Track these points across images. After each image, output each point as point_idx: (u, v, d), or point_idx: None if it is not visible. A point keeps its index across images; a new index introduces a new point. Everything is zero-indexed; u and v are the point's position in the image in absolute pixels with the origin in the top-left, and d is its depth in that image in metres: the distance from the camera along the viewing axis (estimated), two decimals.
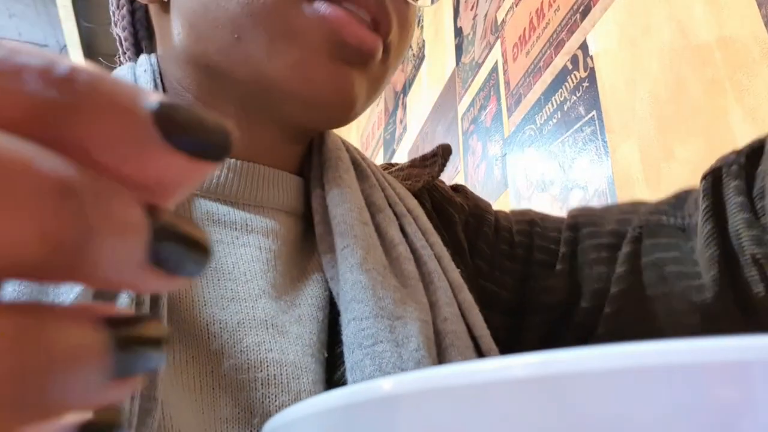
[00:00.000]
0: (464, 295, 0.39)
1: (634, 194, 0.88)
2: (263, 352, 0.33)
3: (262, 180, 0.40)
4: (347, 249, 0.36)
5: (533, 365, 0.13)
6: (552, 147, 1.11)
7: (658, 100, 0.85)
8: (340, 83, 0.37)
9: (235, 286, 0.35)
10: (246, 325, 0.34)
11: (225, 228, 0.38)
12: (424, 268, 0.39)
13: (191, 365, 0.32)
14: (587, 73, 1.02)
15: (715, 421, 0.12)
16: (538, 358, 0.13)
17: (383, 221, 0.40)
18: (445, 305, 0.37)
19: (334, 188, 0.40)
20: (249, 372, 0.33)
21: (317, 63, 0.36)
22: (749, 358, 0.12)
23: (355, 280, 0.35)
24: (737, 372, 0.12)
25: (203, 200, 0.38)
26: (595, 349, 0.13)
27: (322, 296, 0.38)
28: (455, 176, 1.57)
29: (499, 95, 1.37)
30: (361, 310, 0.34)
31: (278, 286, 0.37)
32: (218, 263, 0.36)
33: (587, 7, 1.05)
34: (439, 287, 0.38)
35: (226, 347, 0.33)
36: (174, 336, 0.33)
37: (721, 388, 0.12)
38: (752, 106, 0.70)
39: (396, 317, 0.34)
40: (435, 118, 1.79)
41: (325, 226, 0.39)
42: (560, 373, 0.13)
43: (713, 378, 0.12)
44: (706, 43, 0.78)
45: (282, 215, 0.41)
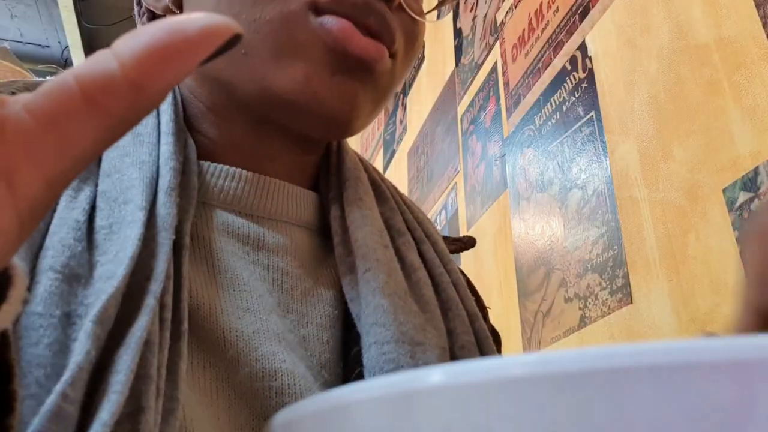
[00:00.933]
0: (480, 324, 0.39)
1: (632, 194, 0.88)
2: (277, 362, 0.34)
3: (276, 193, 0.41)
4: (369, 272, 0.37)
5: (533, 365, 0.13)
6: (551, 147, 1.11)
7: (656, 100, 0.85)
8: (343, 97, 0.37)
9: (250, 298, 0.36)
10: (261, 335, 0.35)
11: (239, 242, 0.38)
12: (443, 294, 0.39)
13: (208, 370, 0.33)
14: (586, 74, 1.02)
15: (717, 420, 0.12)
16: (538, 358, 0.13)
17: (403, 245, 0.41)
18: (463, 333, 0.38)
19: (355, 210, 0.40)
20: (263, 380, 0.33)
21: (321, 78, 0.37)
22: (751, 358, 0.12)
23: (377, 304, 0.35)
24: (738, 371, 0.12)
25: (220, 211, 0.39)
26: (595, 349, 0.13)
27: (331, 315, 0.39)
28: (455, 176, 1.57)
29: (499, 96, 1.37)
30: (383, 334, 0.34)
31: (283, 304, 0.38)
32: (234, 273, 0.37)
33: (586, 8, 1.05)
34: (457, 315, 0.38)
35: (241, 355, 0.34)
36: (192, 341, 0.33)
37: (722, 388, 0.12)
38: (750, 106, 0.70)
39: (416, 343, 0.34)
40: (435, 118, 1.79)
41: (345, 247, 0.39)
42: (560, 373, 0.13)
43: (715, 377, 0.12)
44: (705, 44, 0.78)
45: (295, 229, 0.41)
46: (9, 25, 3.35)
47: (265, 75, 0.37)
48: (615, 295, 0.88)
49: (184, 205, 0.35)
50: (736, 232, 0.69)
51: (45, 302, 0.28)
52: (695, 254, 0.75)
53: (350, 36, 0.36)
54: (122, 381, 0.25)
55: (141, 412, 0.26)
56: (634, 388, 0.12)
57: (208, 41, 0.17)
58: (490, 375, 0.13)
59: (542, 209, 1.12)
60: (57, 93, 0.16)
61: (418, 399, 0.14)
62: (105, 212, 0.32)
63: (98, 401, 0.25)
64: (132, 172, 0.34)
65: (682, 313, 0.76)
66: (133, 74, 0.16)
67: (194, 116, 0.41)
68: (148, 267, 0.30)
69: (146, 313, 0.28)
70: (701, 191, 0.75)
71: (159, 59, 0.16)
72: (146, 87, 0.16)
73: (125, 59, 0.16)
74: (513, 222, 1.22)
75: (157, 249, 0.31)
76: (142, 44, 0.16)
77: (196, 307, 0.34)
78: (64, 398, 0.24)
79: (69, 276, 0.29)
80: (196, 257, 0.36)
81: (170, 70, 0.17)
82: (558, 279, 1.04)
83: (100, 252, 0.30)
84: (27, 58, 3.47)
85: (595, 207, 0.96)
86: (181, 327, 0.30)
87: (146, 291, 0.29)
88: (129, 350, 0.26)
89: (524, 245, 1.17)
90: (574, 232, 1.01)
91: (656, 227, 0.82)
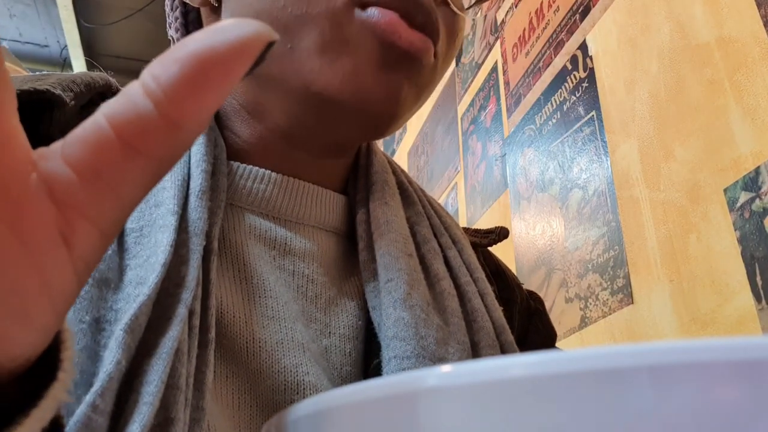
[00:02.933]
0: (506, 337, 0.38)
1: (633, 194, 0.88)
2: (300, 375, 0.33)
3: (305, 197, 0.40)
4: (391, 283, 0.36)
5: (533, 365, 0.13)
6: (551, 147, 1.11)
7: (657, 100, 0.85)
8: (390, 91, 0.37)
9: (276, 305, 0.35)
10: (285, 345, 0.34)
11: (266, 246, 0.38)
12: (468, 305, 0.38)
13: (231, 381, 0.33)
14: (587, 74, 1.02)
15: (717, 421, 0.12)
16: (538, 358, 0.13)
17: (428, 253, 0.40)
18: (487, 347, 0.37)
19: (379, 214, 0.40)
20: (285, 393, 0.33)
21: (368, 72, 0.36)
22: (752, 358, 0.12)
23: (398, 316, 0.34)
24: (739, 371, 0.12)
25: (248, 213, 0.38)
26: (596, 349, 0.13)
27: (355, 326, 0.38)
28: (455, 176, 1.57)
29: (499, 95, 1.37)
30: (403, 348, 0.33)
31: (307, 313, 0.37)
32: (260, 279, 0.36)
33: (587, 7, 1.05)
34: (482, 327, 0.37)
35: (264, 366, 0.33)
36: (216, 349, 0.32)
37: (723, 388, 0.12)
38: (751, 106, 0.70)
39: (438, 358, 0.33)
40: (435, 118, 1.79)
41: (369, 252, 0.39)
42: (560, 373, 0.13)
43: (715, 378, 0.12)
44: (706, 43, 0.78)
45: (322, 234, 0.40)
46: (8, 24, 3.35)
47: (312, 69, 0.36)
48: (616, 295, 0.88)
49: (213, 208, 0.34)
50: (738, 232, 0.69)
51: (75, 308, 0.27)
52: (696, 254, 0.75)
53: (398, 29, 0.36)
54: (153, 392, 0.25)
55: (170, 424, 0.25)
56: (634, 388, 0.12)
57: (244, 57, 0.15)
58: (490, 375, 0.13)
59: (543, 209, 1.12)
60: (94, 142, 0.15)
61: (418, 399, 0.14)
62: (135, 214, 0.32)
63: (128, 412, 0.25)
64: None
65: (683, 314, 0.76)
66: (170, 111, 0.15)
67: (226, 113, 0.40)
68: (178, 274, 0.29)
69: (177, 323, 0.27)
70: (702, 191, 0.75)
71: (194, 89, 0.15)
72: (185, 122, 0.15)
73: (159, 97, 0.15)
74: (513, 222, 1.22)
75: (189, 255, 0.30)
76: (175, 75, 0.15)
77: (220, 315, 0.33)
78: (93, 409, 0.24)
79: (99, 280, 0.29)
80: (224, 261, 0.36)
81: (208, 98, 0.15)
82: (559, 279, 1.04)
83: (129, 255, 0.30)
84: (26, 58, 3.48)
85: (596, 207, 0.96)
86: (209, 335, 0.30)
87: (177, 299, 0.28)
88: (160, 361, 0.26)
89: (525, 245, 1.17)
90: (575, 232, 1.01)
91: (657, 227, 0.82)
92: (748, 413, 0.12)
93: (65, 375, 0.16)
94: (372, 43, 0.36)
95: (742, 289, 0.68)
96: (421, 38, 0.37)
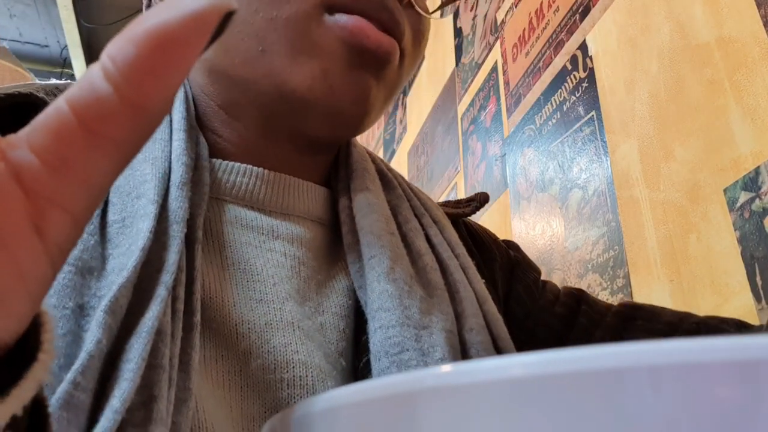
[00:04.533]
0: (489, 306, 0.39)
1: (633, 194, 0.88)
2: (290, 354, 0.34)
3: (288, 188, 0.41)
4: (374, 259, 0.37)
5: (533, 365, 0.13)
6: (551, 147, 1.11)
7: (657, 100, 0.85)
8: (359, 91, 0.38)
9: (263, 288, 0.36)
10: (273, 326, 0.35)
11: (253, 231, 0.39)
12: (450, 278, 0.39)
13: (221, 363, 0.33)
14: (586, 74, 1.02)
15: (717, 421, 0.12)
16: (537, 358, 0.13)
17: (410, 231, 0.41)
18: (471, 316, 0.38)
19: (361, 199, 0.41)
20: (276, 372, 0.34)
21: (337, 73, 0.37)
22: (752, 358, 0.12)
23: (382, 289, 0.35)
24: (739, 371, 0.12)
25: (232, 206, 0.39)
26: (596, 348, 0.13)
27: (345, 305, 0.39)
28: (455, 176, 1.57)
29: (499, 95, 1.37)
30: (387, 318, 0.34)
31: (302, 291, 0.38)
32: (247, 264, 0.37)
33: (586, 7, 1.05)
34: (465, 297, 0.38)
35: (253, 347, 0.34)
36: (205, 334, 0.33)
37: (723, 388, 0.12)
38: (751, 106, 0.70)
39: (422, 327, 0.34)
40: (435, 118, 1.79)
41: (353, 235, 0.40)
42: (560, 373, 0.13)
43: (715, 378, 0.12)
44: (706, 43, 0.78)
45: (308, 223, 0.41)
46: (8, 24, 3.35)
47: (282, 72, 0.37)
48: (616, 295, 0.88)
49: (196, 199, 0.35)
50: (737, 232, 0.69)
51: (58, 294, 0.28)
52: (696, 254, 0.75)
53: (366, 31, 0.37)
54: (133, 369, 0.26)
55: (153, 401, 0.26)
56: (634, 388, 0.12)
57: (201, 30, 0.15)
58: (489, 375, 0.13)
59: (543, 209, 1.12)
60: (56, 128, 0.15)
61: (418, 399, 0.14)
62: (118, 206, 0.33)
63: (110, 389, 0.25)
64: (145, 167, 0.34)
65: None
66: (130, 94, 0.15)
67: (205, 114, 0.41)
68: (159, 259, 0.30)
69: (157, 303, 0.28)
70: (702, 191, 0.75)
71: (153, 68, 0.14)
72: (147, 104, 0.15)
73: (117, 79, 0.15)
74: (513, 222, 1.22)
75: (169, 241, 0.31)
76: (131, 56, 0.14)
77: (208, 299, 0.34)
78: (75, 386, 0.24)
79: (82, 269, 0.30)
80: (209, 250, 0.37)
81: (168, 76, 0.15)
82: (559, 279, 1.04)
83: (113, 245, 0.31)
84: (26, 58, 3.48)
85: (596, 207, 0.96)
86: (194, 318, 0.31)
87: (158, 282, 0.29)
88: (140, 339, 0.27)
89: (525, 245, 1.17)
90: (575, 232, 1.01)
91: (657, 227, 0.82)
92: (748, 413, 0.12)
93: (45, 356, 0.16)
94: (340, 47, 0.37)
95: (742, 289, 0.68)
96: (388, 39, 0.38)
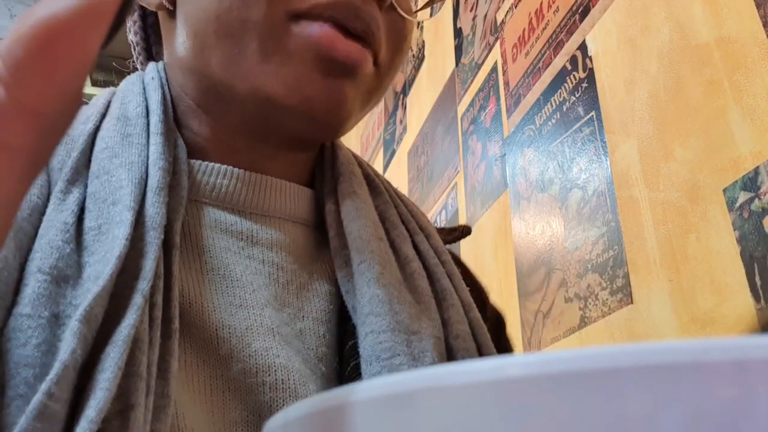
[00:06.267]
0: (474, 314, 0.40)
1: (633, 194, 0.88)
2: (271, 357, 0.34)
3: (269, 190, 0.41)
4: (364, 264, 0.37)
5: (532, 365, 0.13)
6: (551, 147, 1.11)
7: (657, 100, 0.85)
8: (334, 98, 0.38)
9: (243, 294, 0.36)
10: (254, 330, 0.35)
11: (232, 237, 0.38)
12: (437, 285, 0.40)
13: (201, 368, 0.33)
14: (586, 74, 1.02)
15: (717, 421, 0.12)
16: (537, 358, 0.13)
17: (397, 238, 0.41)
18: (457, 323, 0.38)
19: (348, 203, 0.41)
20: (257, 376, 0.33)
21: (311, 80, 0.37)
22: (751, 358, 0.12)
23: (372, 294, 0.35)
24: (738, 371, 0.12)
25: (212, 209, 0.39)
26: (595, 349, 0.13)
27: (327, 310, 0.39)
28: (455, 176, 1.57)
29: (499, 96, 1.37)
30: (378, 323, 0.34)
31: (280, 298, 0.38)
32: (227, 270, 0.37)
33: (586, 7, 1.05)
34: (451, 305, 0.39)
35: (234, 352, 0.34)
36: (185, 339, 0.33)
37: (722, 388, 0.12)
38: (751, 106, 0.70)
39: (412, 332, 0.34)
40: (435, 118, 1.79)
41: (340, 240, 0.40)
42: (560, 373, 0.13)
43: (715, 377, 0.12)
44: (705, 44, 0.78)
45: (289, 225, 0.41)
46: (9, 25, 3.35)
47: (258, 77, 0.37)
48: (615, 295, 0.88)
49: (173, 204, 0.35)
50: (737, 232, 0.69)
51: (33, 303, 0.28)
52: (696, 254, 0.75)
53: (334, 41, 0.37)
54: (109, 378, 0.25)
55: (130, 410, 0.26)
56: (634, 388, 0.12)
57: (94, 22, 0.13)
58: (488, 375, 0.13)
59: (542, 209, 1.12)
60: None
61: (416, 400, 0.14)
62: (94, 213, 0.32)
63: (86, 399, 0.25)
64: (121, 173, 0.34)
65: (682, 314, 0.76)
66: (20, 96, 0.13)
67: (184, 114, 0.41)
68: (136, 266, 0.30)
69: (134, 312, 0.28)
70: (702, 191, 0.75)
71: (42, 68, 0.13)
72: (42, 107, 0.13)
73: (7, 81, 0.13)
74: (513, 222, 1.22)
75: (146, 248, 0.31)
76: (19, 55, 0.13)
77: (188, 305, 0.34)
78: (49, 396, 0.24)
79: (57, 277, 0.29)
80: (188, 255, 0.36)
81: (61, 76, 0.13)
82: (558, 279, 1.04)
83: (88, 253, 0.30)
84: None
85: (596, 207, 0.96)
86: (172, 325, 0.31)
87: (134, 289, 0.29)
88: (116, 348, 0.26)
89: (524, 245, 1.17)
90: (575, 232, 1.01)
91: (657, 227, 0.82)
92: (747, 413, 0.12)
93: None
94: (310, 56, 0.37)
95: (742, 289, 0.68)
96: (358, 48, 0.38)
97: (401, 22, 0.41)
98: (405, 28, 0.42)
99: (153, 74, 0.41)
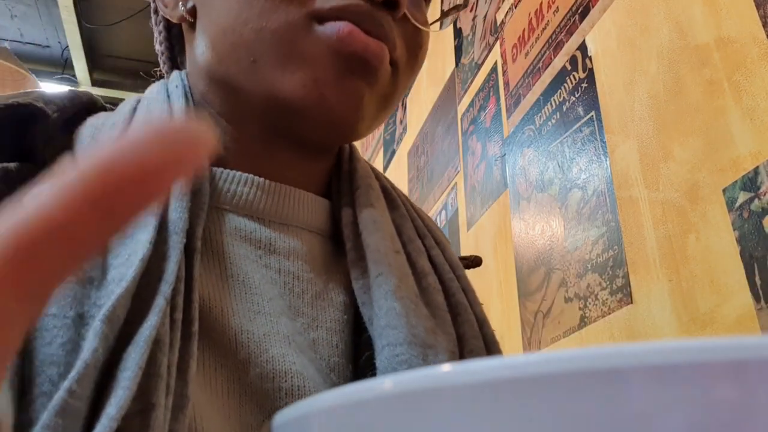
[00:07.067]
0: (487, 329, 0.40)
1: (632, 194, 0.88)
2: (287, 364, 0.35)
3: (288, 199, 0.41)
4: (381, 276, 0.37)
5: (533, 365, 0.13)
6: (551, 147, 1.11)
7: (656, 100, 0.85)
8: (350, 98, 0.38)
9: (261, 301, 0.37)
10: (271, 337, 0.35)
11: (251, 245, 0.39)
12: (453, 299, 0.40)
13: (219, 371, 0.34)
14: (586, 74, 1.02)
15: (717, 421, 0.12)
16: (537, 358, 0.13)
17: (413, 251, 0.41)
18: (472, 338, 0.38)
19: (366, 215, 0.41)
20: (274, 381, 0.34)
21: (328, 81, 0.38)
22: (751, 358, 0.12)
23: (389, 306, 0.36)
24: (738, 371, 0.12)
25: (232, 215, 0.39)
26: (595, 349, 0.13)
27: (341, 320, 0.40)
28: (455, 176, 1.57)
29: (499, 96, 1.37)
30: (395, 336, 0.35)
31: (294, 307, 0.38)
32: (246, 277, 0.37)
33: (586, 8, 1.05)
34: (466, 320, 0.39)
35: (252, 356, 0.34)
36: (204, 342, 0.34)
37: (722, 388, 0.12)
38: (750, 106, 0.70)
39: (428, 345, 0.35)
40: (435, 118, 1.79)
41: (357, 251, 0.40)
42: (560, 373, 0.13)
43: (715, 377, 0.12)
44: (705, 44, 0.78)
45: (306, 234, 0.42)
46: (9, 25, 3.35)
47: (273, 82, 0.38)
48: (615, 295, 0.88)
49: (195, 209, 0.35)
50: (736, 232, 0.69)
51: (58, 304, 0.28)
52: (695, 254, 0.75)
53: (352, 35, 0.37)
54: (130, 377, 0.26)
55: (151, 409, 0.26)
56: (633, 388, 0.12)
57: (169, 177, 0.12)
58: (490, 375, 0.13)
59: (542, 209, 1.12)
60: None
61: (418, 399, 0.14)
62: None
63: (107, 397, 0.26)
64: None
65: (682, 313, 0.76)
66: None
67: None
68: (159, 269, 0.30)
69: (156, 313, 0.28)
70: (701, 191, 0.75)
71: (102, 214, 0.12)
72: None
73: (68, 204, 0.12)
74: (513, 222, 1.22)
75: (168, 252, 0.31)
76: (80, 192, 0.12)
77: (208, 309, 0.35)
78: (70, 394, 0.25)
79: (83, 278, 0.30)
80: (208, 261, 0.37)
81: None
82: (558, 279, 1.04)
83: (113, 255, 0.31)
84: (27, 59, 3.47)
85: (595, 207, 0.96)
86: (192, 327, 0.31)
87: (156, 292, 0.29)
88: (138, 348, 0.27)
89: (524, 245, 1.17)
90: (574, 232, 1.01)
91: (656, 227, 0.82)
92: (747, 413, 0.12)
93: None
94: (329, 55, 0.37)
95: (741, 289, 0.68)
96: (376, 42, 0.39)
97: (416, 32, 0.42)
98: (420, 37, 0.43)
99: (177, 82, 0.42)
